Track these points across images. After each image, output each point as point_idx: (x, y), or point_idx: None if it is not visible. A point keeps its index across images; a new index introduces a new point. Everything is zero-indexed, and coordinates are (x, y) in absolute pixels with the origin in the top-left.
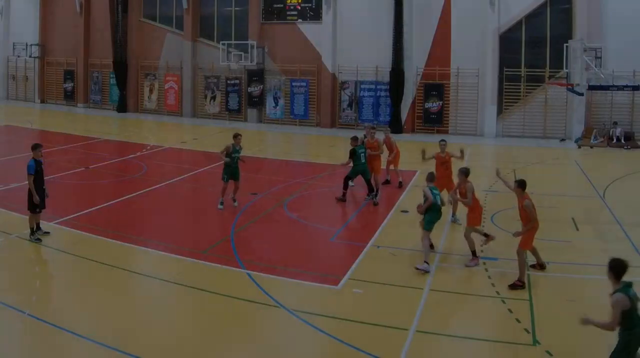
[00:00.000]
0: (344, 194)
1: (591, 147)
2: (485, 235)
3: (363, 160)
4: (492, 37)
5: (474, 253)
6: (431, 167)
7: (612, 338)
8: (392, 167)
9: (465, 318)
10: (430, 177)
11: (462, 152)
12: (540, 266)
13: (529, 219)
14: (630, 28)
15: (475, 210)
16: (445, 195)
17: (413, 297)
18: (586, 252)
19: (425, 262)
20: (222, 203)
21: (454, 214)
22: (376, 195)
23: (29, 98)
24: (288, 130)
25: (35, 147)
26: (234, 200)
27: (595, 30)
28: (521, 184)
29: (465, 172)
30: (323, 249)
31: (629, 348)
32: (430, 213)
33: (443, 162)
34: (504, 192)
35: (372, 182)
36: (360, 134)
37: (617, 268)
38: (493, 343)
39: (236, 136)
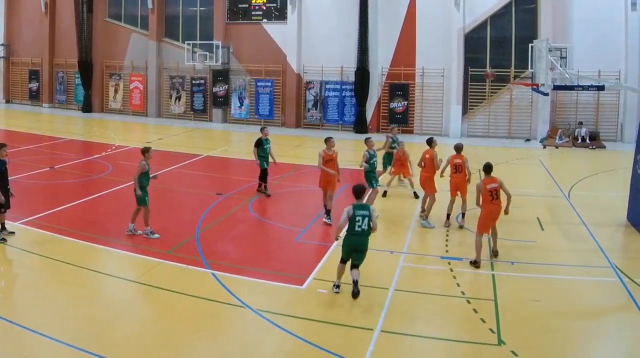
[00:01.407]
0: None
1: (556, 147)
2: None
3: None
4: (457, 37)
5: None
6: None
7: (578, 339)
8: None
9: (430, 318)
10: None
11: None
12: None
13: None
14: (595, 28)
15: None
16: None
17: (378, 297)
18: (551, 252)
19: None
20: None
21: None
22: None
23: None
24: (253, 130)
25: (0, 147)
26: (148, 229)
27: (560, 30)
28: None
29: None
30: (288, 249)
31: (344, 246)
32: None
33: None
34: (469, 193)
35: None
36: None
37: (356, 191)
38: (458, 343)
39: (147, 150)
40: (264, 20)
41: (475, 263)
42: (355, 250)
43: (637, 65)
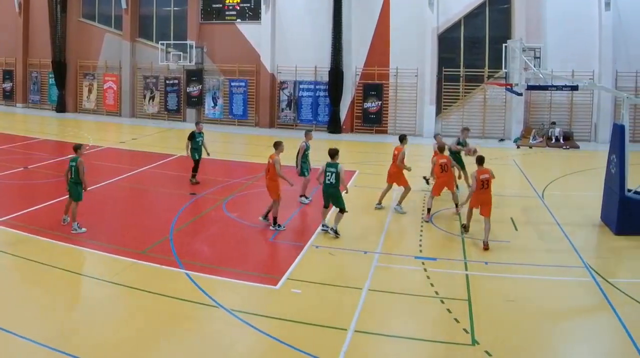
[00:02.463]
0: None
1: (530, 147)
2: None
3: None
4: (431, 38)
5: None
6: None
7: (552, 339)
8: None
9: (404, 318)
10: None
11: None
12: (465, 228)
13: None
14: (569, 28)
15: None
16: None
17: (352, 297)
18: (525, 252)
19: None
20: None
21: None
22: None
23: None
24: (227, 130)
25: None
26: (66, 217)
27: (534, 31)
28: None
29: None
30: (262, 249)
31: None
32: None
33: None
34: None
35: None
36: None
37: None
38: (432, 343)
39: (79, 147)
40: (238, 20)
41: (464, 227)
42: (327, 197)
43: (610, 65)
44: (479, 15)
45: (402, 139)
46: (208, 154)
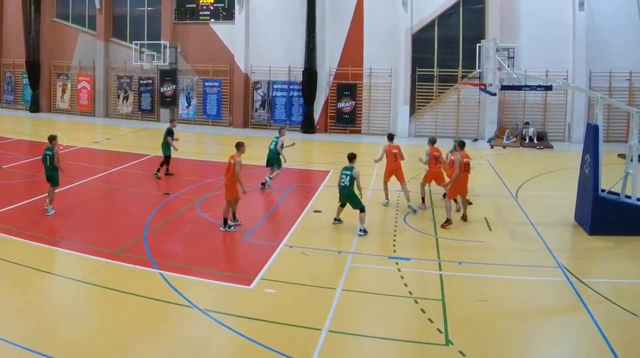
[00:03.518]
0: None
1: (504, 147)
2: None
3: None
4: (404, 38)
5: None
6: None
7: (526, 339)
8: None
9: (377, 318)
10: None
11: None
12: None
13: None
14: (543, 28)
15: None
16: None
17: (325, 296)
18: (499, 253)
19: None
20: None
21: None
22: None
23: None
24: (200, 130)
25: None
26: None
27: (508, 31)
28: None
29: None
30: (236, 249)
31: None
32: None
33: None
34: (416, 192)
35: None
36: None
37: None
38: (406, 343)
39: (54, 138)
40: (212, 20)
41: (447, 222)
42: (342, 198)
43: (584, 65)
44: (453, 16)
45: (392, 137)
46: (176, 149)
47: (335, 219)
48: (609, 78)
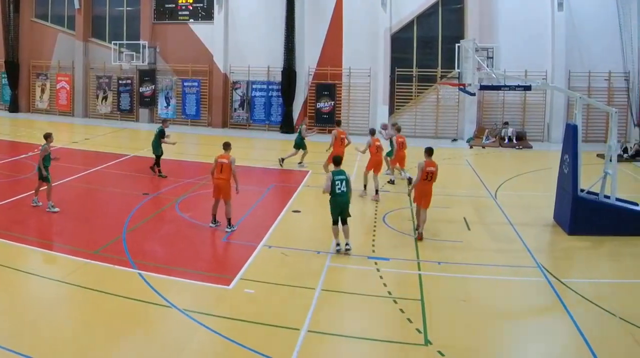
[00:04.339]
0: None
1: (483, 147)
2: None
3: None
4: (383, 38)
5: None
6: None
7: (505, 338)
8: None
9: (357, 318)
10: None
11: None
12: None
13: None
14: (522, 28)
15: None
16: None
17: (305, 296)
18: (478, 252)
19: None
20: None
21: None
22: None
23: None
24: (180, 130)
25: None
26: (50, 202)
27: (487, 31)
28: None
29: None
30: (215, 249)
31: (332, 208)
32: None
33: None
34: (395, 193)
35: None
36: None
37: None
38: (385, 343)
39: (49, 136)
40: (191, 20)
41: (418, 228)
42: (341, 208)
43: (563, 65)
44: (432, 15)
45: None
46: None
47: (338, 246)
48: (588, 78)
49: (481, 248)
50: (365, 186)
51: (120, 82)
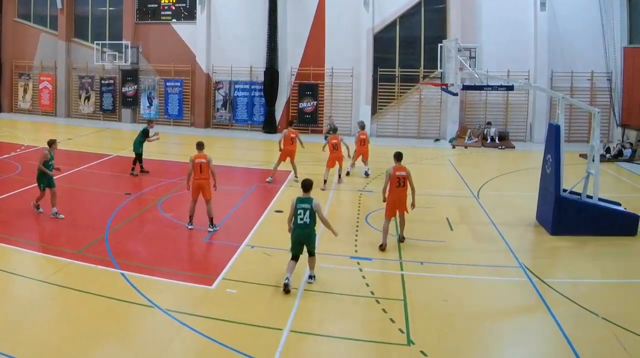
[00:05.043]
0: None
1: (465, 147)
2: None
3: None
4: (366, 38)
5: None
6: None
7: (488, 338)
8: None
9: (339, 318)
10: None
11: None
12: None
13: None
14: (504, 28)
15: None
16: None
17: (287, 297)
18: (461, 252)
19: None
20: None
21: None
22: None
23: None
24: (162, 129)
25: None
26: (54, 208)
27: (470, 31)
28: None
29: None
30: (197, 249)
31: (291, 240)
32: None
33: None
34: (377, 193)
35: None
36: None
37: (303, 185)
38: (367, 343)
39: (53, 143)
40: (173, 20)
41: (381, 247)
42: (300, 243)
43: (546, 65)
44: (415, 15)
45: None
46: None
47: (287, 280)
48: (571, 78)
49: (464, 249)
50: (325, 181)
51: (102, 82)
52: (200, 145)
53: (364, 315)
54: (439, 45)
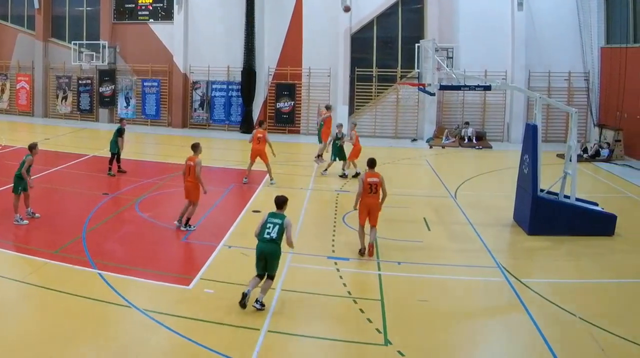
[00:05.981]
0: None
1: (443, 147)
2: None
3: None
4: (343, 38)
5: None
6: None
7: (465, 338)
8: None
9: (317, 318)
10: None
11: None
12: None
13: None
14: (482, 28)
15: None
16: None
17: (265, 297)
18: (438, 252)
19: None
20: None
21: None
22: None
23: None
24: (139, 130)
25: None
26: (29, 208)
27: (447, 31)
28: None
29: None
30: (175, 249)
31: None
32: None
33: None
34: (355, 193)
35: None
36: None
37: (276, 201)
38: (345, 343)
39: (34, 147)
40: (151, 20)
41: (361, 251)
42: (262, 258)
43: (523, 65)
44: (392, 15)
45: (261, 123)
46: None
47: (244, 294)
48: (548, 78)
49: (441, 248)
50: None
51: (80, 82)
52: (193, 147)
53: (341, 315)
54: (417, 45)
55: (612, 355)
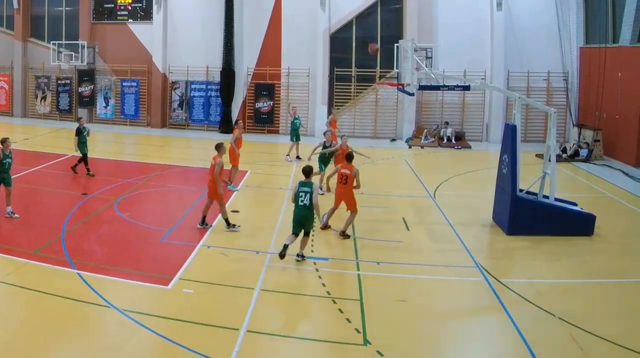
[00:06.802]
0: None
1: (422, 147)
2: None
3: None
4: (322, 38)
5: None
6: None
7: (444, 338)
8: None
9: (296, 318)
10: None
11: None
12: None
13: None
14: (461, 28)
15: None
16: None
17: (244, 296)
18: (417, 252)
19: None
20: None
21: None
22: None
23: None
24: (118, 130)
25: None
26: (9, 207)
27: (426, 31)
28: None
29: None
30: (154, 249)
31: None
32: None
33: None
34: (332, 193)
35: None
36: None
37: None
38: (324, 343)
39: (4, 141)
40: (130, 20)
41: (321, 226)
42: (299, 222)
43: (502, 65)
44: (371, 15)
45: (236, 122)
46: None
47: (283, 254)
48: (527, 78)
49: (420, 248)
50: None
51: (59, 82)
52: (216, 147)
53: (320, 315)
54: (396, 45)
55: (591, 354)
